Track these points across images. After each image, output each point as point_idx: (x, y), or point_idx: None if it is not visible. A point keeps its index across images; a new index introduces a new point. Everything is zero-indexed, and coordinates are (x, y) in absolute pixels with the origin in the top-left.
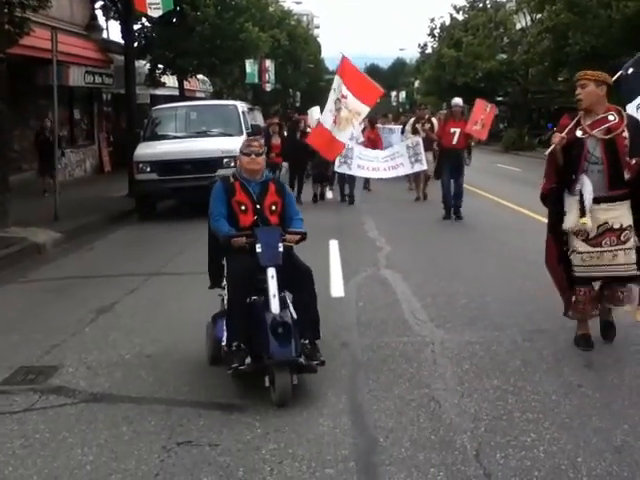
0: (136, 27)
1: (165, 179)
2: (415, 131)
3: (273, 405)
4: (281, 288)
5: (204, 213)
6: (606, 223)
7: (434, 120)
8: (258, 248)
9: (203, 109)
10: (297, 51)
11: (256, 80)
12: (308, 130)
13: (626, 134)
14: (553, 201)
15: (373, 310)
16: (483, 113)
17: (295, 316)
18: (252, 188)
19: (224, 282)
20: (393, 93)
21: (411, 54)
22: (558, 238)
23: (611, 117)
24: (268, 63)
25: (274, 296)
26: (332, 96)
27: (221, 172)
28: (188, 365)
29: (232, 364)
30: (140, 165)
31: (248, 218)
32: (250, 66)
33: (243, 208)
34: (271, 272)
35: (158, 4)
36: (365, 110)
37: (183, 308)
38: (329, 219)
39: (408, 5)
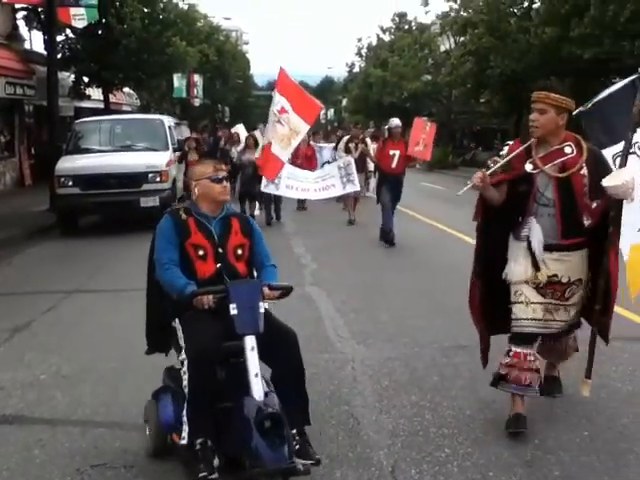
0: (60, 38)
1: (88, 193)
2: (348, 150)
3: None
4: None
5: (127, 229)
6: (555, 275)
7: (368, 141)
8: (232, 310)
9: (128, 123)
10: (225, 66)
11: (184, 95)
12: (238, 147)
13: (585, 171)
14: (484, 243)
15: (296, 327)
16: (423, 132)
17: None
18: (213, 227)
19: (182, 355)
20: (322, 111)
21: (339, 73)
22: (485, 286)
23: (568, 149)
24: (196, 78)
25: (256, 376)
26: (272, 110)
27: (145, 187)
28: (106, 386)
29: (197, 470)
30: (62, 179)
31: (208, 267)
32: (178, 80)
33: (201, 253)
34: (250, 342)
35: (82, 15)
36: (305, 129)
37: (102, 326)
38: None
39: (336, 24)
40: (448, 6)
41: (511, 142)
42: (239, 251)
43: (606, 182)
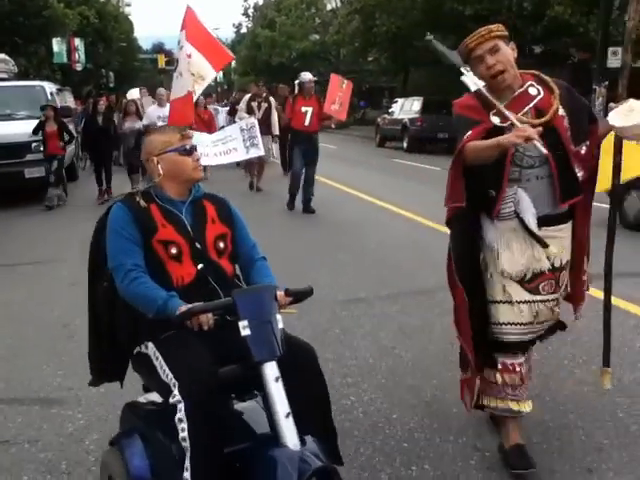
0: None
1: None
2: (250, 111)
3: (98, 395)
4: (246, 387)
5: (12, 202)
6: (547, 258)
7: (272, 99)
8: (244, 329)
9: (6, 90)
10: (108, 29)
11: (65, 60)
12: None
13: (562, 112)
14: (465, 230)
15: None
16: (340, 90)
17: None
18: (183, 215)
19: (175, 395)
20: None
21: (226, 33)
22: (473, 289)
23: (532, 90)
24: (77, 42)
25: (287, 416)
26: (181, 55)
27: (30, 157)
28: (3, 362)
29: None
30: None
31: (186, 269)
32: (57, 45)
33: (174, 252)
34: (273, 371)
35: None
36: (211, 75)
37: (3, 302)
38: None
39: None
40: None
41: (399, 99)
42: (220, 244)
43: (617, 122)
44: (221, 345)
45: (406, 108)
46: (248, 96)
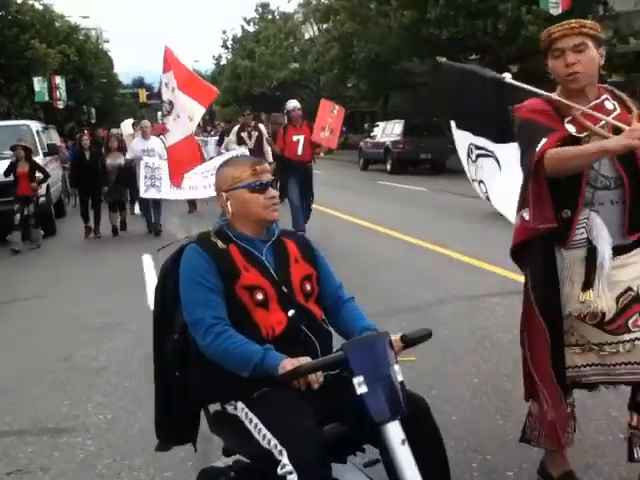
0: None
1: None
2: (241, 141)
3: (106, 422)
4: (340, 449)
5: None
6: (629, 290)
7: (262, 127)
8: (360, 386)
9: None
10: (88, 66)
11: (46, 98)
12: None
13: None
14: (546, 262)
15: None
16: (330, 116)
17: None
18: (264, 256)
19: (285, 466)
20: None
21: (206, 66)
22: (553, 326)
23: (609, 105)
24: (58, 80)
25: None
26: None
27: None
28: (6, 395)
29: None
30: None
31: (275, 317)
32: (39, 84)
33: (260, 298)
34: (397, 433)
35: None
36: (199, 112)
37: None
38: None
39: (200, 17)
40: None
41: (381, 123)
42: (307, 286)
43: None
44: (321, 400)
45: (387, 131)
46: (237, 127)
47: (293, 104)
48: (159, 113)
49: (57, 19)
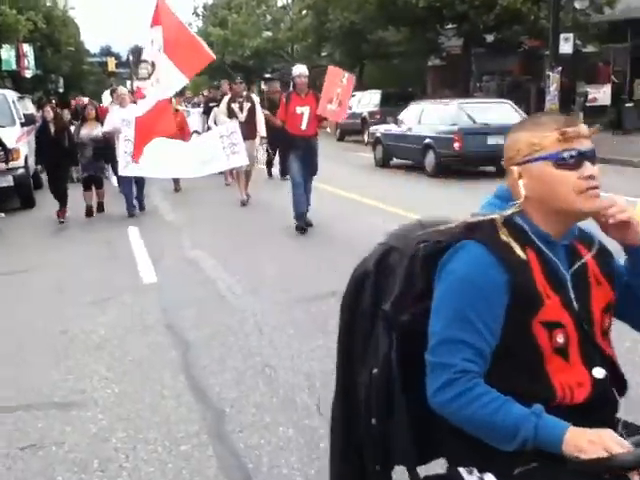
0: None
1: None
2: (231, 114)
3: (114, 395)
4: None
5: None
6: None
7: (255, 97)
8: None
9: None
10: (56, 34)
11: (14, 67)
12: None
13: None
14: None
15: (190, 291)
16: (338, 86)
17: None
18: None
19: None
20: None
21: None
22: None
23: None
24: (26, 48)
25: None
26: (152, 56)
27: None
28: (11, 368)
29: None
30: None
31: (576, 374)
32: (6, 52)
33: (561, 341)
34: None
35: None
36: (179, 83)
37: None
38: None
39: None
40: None
41: (357, 93)
42: (606, 321)
43: None
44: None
45: (364, 102)
46: (227, 98)
47: (300, 70)
48: (128, 82)
49: None
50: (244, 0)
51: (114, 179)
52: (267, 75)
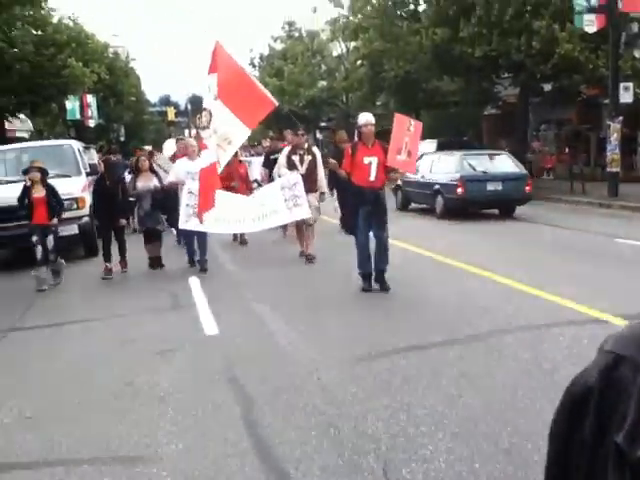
0: None
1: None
2: (291, 166)
3: (178, 451)
4: None
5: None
6: None
7: (316, 151)
8: None
9: (36, 150)
10: (118, 85)
11: (77, 116)
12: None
13: None
14: None
15: (252, 344)
16: (406, 134)
17: None
18: None
19: None
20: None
21: None
22: None
23: None
24: (89, 98)
25: None
26: (209, 105)
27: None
28: (75, 422)
29: None
30: None
31: None
32: (71, 102)
33: None
34: None
35: None
36: (241, 135)
37: (51, 363)
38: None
39: (226, 36)
40: (337, 12)
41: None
42: None
43: None
44: None
45: (420, 150)
46: (287, 149)
47: (366, 118)
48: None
49: (90, 38)
50: (300, 50)
51: (174, 230)
52: (322, 124)
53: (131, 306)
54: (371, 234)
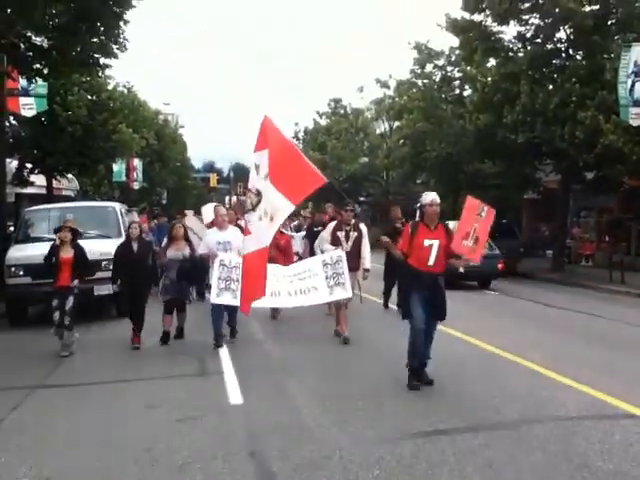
0: None
1: (39, 283)
2: (335, 241)
3: None
4: None
5: (80, 319)
6: None
7: (363, 228)
8: None
9: (80, 210)
10: (165, 150)
11: (123, 178)
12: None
13: None
14: None
15: (276, 417)
16: (475, 220)
17: None
18: None
19: None
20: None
21: None
22: None
23: None
24: (136, 162)
25: None
26: (254, 179)
27: (99, 275)
28: None
29: None
30: (12, 269)
31: None
32: (117, 164)
33: None
34: None
35: (32, 105)
36: (285, 211)
37: (76, 423)
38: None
39: (273, 108)
40: (382, 92)
41: (450, 222)
42: None
43: None
44: None
45: None
46: (333, 224)
47: (431, 197)
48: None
49: (142, 105)
50: (344, 127)
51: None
52: (361, 198)
53: (159, 370)
54: None
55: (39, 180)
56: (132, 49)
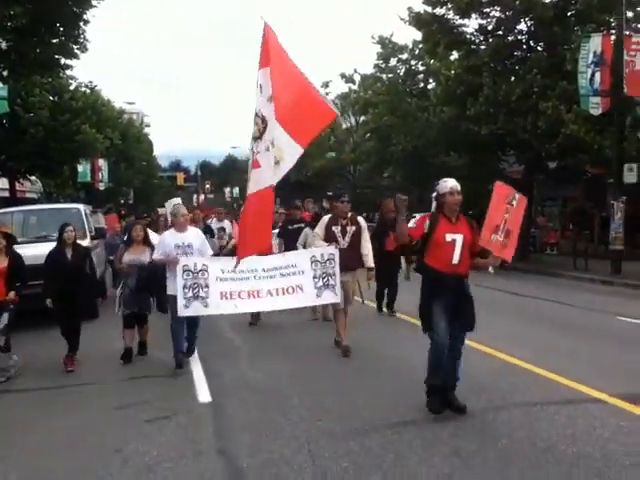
0: None
1: None
2: (331, 238)
3: None
4: None
5: (44, 323)
6: None
7: (361, 220)
8: None
9: (43, 213)
10: (130, 150)
11: (88, 179)
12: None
13: None
14: None
15: (245, 414)
16: (506, 210)
17: None
18: None
19: None
20: (227, 189)
21: (243, 152)
22: None
23: None
24: (101, 162)
25: None
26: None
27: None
28: None
29: None
30: None
31: None
32: (82, 165)
33: None
34: None
35: None
36: (293, 155)
37: (43, 428)
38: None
39: (236, 104)
40: (347, 87)
41: (417, 215)
42: None
43: None
44: None
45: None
46: (327, 217)
47: (450, 184)
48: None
49: (105, 105)
50: None
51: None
52: (329, 193)
53: (128, 371)
54: None
55: (1, 183)
56: (92, 49)
